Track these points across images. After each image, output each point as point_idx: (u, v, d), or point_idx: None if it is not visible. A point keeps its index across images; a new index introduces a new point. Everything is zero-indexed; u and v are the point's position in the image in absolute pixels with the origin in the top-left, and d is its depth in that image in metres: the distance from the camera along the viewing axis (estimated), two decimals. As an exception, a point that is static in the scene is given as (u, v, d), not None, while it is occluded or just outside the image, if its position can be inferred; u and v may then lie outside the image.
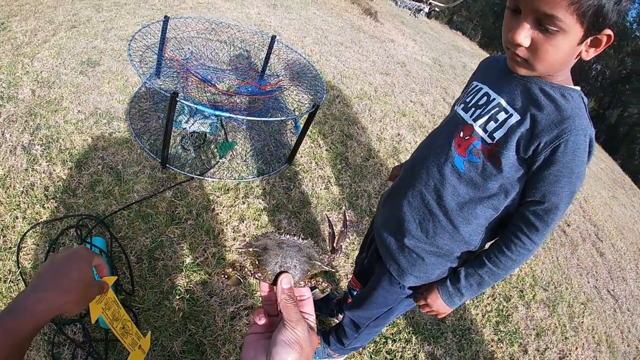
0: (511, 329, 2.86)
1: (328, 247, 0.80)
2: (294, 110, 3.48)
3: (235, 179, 2.86)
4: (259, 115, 3.01)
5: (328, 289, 0.83)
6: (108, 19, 4.07)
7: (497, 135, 1.22)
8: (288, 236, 0.77)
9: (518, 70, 1.18)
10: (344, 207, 3.08)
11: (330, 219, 0.87)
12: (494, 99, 1.27)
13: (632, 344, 3.50)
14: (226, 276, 0.78)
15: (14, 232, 2.11)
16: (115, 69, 3.39)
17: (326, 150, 3.54)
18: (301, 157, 3.31)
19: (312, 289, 0.79)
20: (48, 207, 2.27)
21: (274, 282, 0.74)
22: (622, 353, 3.31)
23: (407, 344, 2.41)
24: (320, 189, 3.11)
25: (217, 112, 2.44)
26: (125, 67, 3.44)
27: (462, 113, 1.35)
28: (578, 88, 1.21)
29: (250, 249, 0.76)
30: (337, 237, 0.83)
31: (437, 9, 8.56)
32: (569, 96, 1.17)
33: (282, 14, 6.14)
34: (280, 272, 0.74)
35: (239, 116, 2.54)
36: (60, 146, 2.60)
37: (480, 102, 1.31)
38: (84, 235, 2.16)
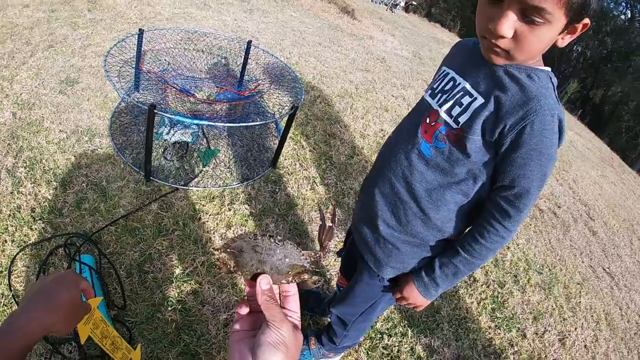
0: (508, 314, 2.89)
1: (317, 242, 0.80)
2: (274, 114, 3.50)
3: (219, 186, 2.87)
4: (239, 121, 3.03)
5: (319, 282, 0.83)
6: (84, 36, 4.07)
7: (462, 119, 1.20)
8: (264, 239, 0.76)
9: (495, 60, 1.14)
10: (330, 205, 3.10)
11: (323, 212, 0.87)
12: (459, 84, 1.25)
13: (631, 320, 3.54)
14: (219, 267, 0.79)
15: (3, 256, 2.12)
16: (94, 85, 3.40)
17: (310, 150, 3.56)
18: (285, 159, 3.33)
19: (299, 285, 0.79)
20: (36, 229, 2.28)
21: (253, 279, 0.74)
22: (622, 329, 3.36)
23: (403, 338, 2.44)
24: (306, 190, 3.13)
25: (196, 121, 2.46)
26: (104, 83, 3.44)
27: (429, 99, 1.33)
28: (548, 69, 1.18)
29: (228, 250, 0.77)
30: (324, 234, 0.83)
31: (414, 2, 8.59)
32: (535, 76, 1.13)
33: (259, 19, 6.15)
34: (259, 273, 0.74)
35: (218, 124, 2.57)
36: (44, 167, 2.61)
37: (447, 88, 1.28)
38: (73, 254, 2.17)
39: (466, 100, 1.20)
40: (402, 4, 7.51)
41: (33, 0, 4.45)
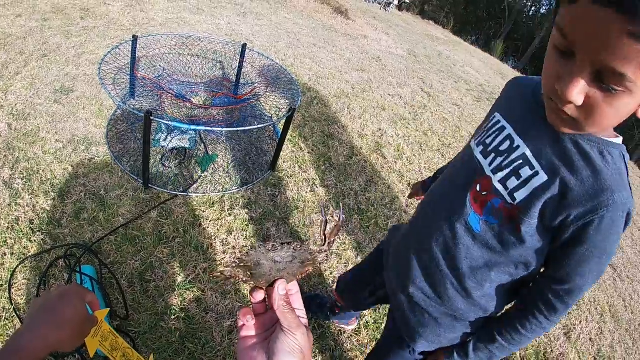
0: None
1: (320, 237, 0.77)
2: (271, 117, 3.48)
3: (219, 191, 2.86)
4: (236, 126, 3.01)
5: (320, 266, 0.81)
6: (78, 44, 4.05)
7: (519, 196, 1.03)
8: (281, 249, 0.73)
9: (561, 128, 0.94)
10: (341, 203, 3.12)
11: (326, 208, 0.83)
12: (517, 147, 1.06)
13: (635, 311, 3.54)
14: (224, 279, 0.75)
15: (3, 269, 2.10)
16: (89, 94, 3.38)
17: (308, 152, 3.55)
18: (284, 162, 3.31)
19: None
20: (35, 240, 2.25)
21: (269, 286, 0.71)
22: (626, 321, 3.35)
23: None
24: (306, 192, 3.12)
25: (193, 127, 2.44)
26: (99, 91, 3.42)
27: (480, 158, 1.15)
28: (619, 141, 0.99)
29: (242, 265, 0.73)
30: (331, 230, 0.77)
31: (407, 0, 8.58)
32: (609, 155, 0.95)
33: (253, 22, 6.14)
34: (275, 281, 0.71)
35: (215, 128, 2.55)
36: (41, 177, 2.59)
37: (502, 148, 1.09)
38: (73, 265, 2.15)
39: (526, 172, 1.02)
40: (396, 2, 7.51)
41: (26, 9, 4.43)
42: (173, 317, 2.11)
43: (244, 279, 0.73)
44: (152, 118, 2.29)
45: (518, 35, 21.92)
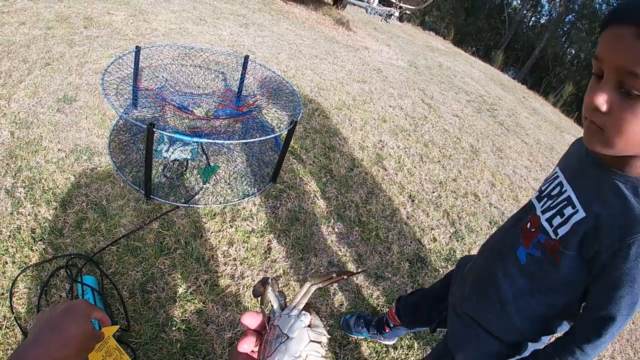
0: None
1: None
2: (273, 128, 3.49)
3: (220, 203, 2.86)
4: (238, 137, 3.03)
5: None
6: (81, 53, 4.07)
7: (561, 231, 1.14)
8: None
9: (592, 144, 1.00)
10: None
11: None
12: (565, 190, 1.19)
13: (636, 321, 3.50)
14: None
15: (4, 278, 2.10)
16: (92, 103, 3.39)
17: (309, 164, 3.56)
18: (285, 174, 3.32)
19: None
20: (36, 250, 2.26)
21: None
22: (628, 331, 3.32)
23: (409, 350, 2.43)
24: (307, 204, 3.13)
25: (195, 139, 2.45)
26: (101, 100, 3.44)
27: (535, 202, 1.30)
28: None
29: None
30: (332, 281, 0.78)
31: (407, 12, 8.62)
32: None
33: (255, 33, 6.17)
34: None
35: (217, 140, 2.55)
36: (43, 187, 2.60)
37: (553, 193, 1.23)
38: (74, 275, 2.16)
39: (568, 211, 1.14)
40: (397, 13, 7.53)
41: (30, 17, 4.45)
42: (174, 328, 2.11)
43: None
44: (154, 129, 2.31)
45: (518, 46, 21.97)
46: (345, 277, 0.74)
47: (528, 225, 1.26)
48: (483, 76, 9.31)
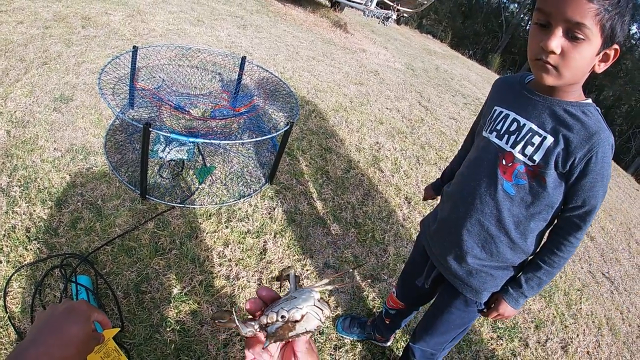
0: (509, 324, 2.89)
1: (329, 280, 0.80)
2: (270, 129, 3.49)
3: (216, 203, 2.86)
4: (235, 138, 3.02)
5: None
6: (79, 53, 4.06)
7: (537, 157, 1.35)
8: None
9: (547, 80, 1.27)
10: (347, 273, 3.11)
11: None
12: (524, 125, 1.39)
13: (633, 324, 3.55)
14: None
15: (-2, 277, 2.09)
16: (88, 103, 3.38)
17: (306, 165, 3.56)
18: (281, 175, 3.32)
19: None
20: (31, 249, 2.25)
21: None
22: (624, 334, 3.36)
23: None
24: (303, 205, 3.12)
25: (192, 139, 2.44)
26: (98, 100, 3.43)
27: (497, 141, 1.46)
28: (590, 101, 1.35)
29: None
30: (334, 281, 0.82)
31: (405, 14, 8.63)
32: (588, 112, 1.31)
33: (252, 34, 6.17)
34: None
35: (214, 141, 2.55)
36: (38, 186, 2.59)
37: (512, 129, 1.42)
38: (69, 275, 2.15)
39: (537, 140, 1.35)
40: (394, 16, 7.53)
41: (27, 16, 4.44)
42: (168, 329, 2.11)
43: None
44: (150, 129, 2.30)
45: (515, 49, 22.04)
46: (352, 269, 0.78)
47: (504, 162, 1.43)
48: (480, 79, 9.33)
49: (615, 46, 1.23)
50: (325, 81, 5.36)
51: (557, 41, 1.18)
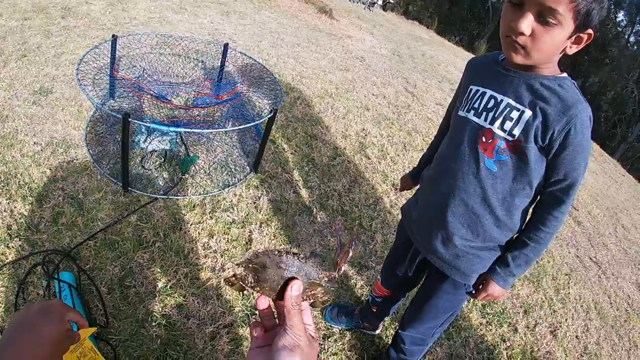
0: (498, 310, 2.90)
1: (334, 263, 0.84)
2: (254, 117, 3.45)
3: (200, 194, 2.82)
4: (218, 127, 2.98)
5: (328, 299, 0.83)
6: (58, 44, 3.98)
7: (516, 131, 1.36)
8: (288, 256, 0.76)
9: (515, 58, 1.30)
10: (355, 228, 3.09)
11: (339, 233, 0.86)
12: (501, 100, 1.40)
13: (620, 307, 3.58)
14: (230, 283, 0.78)
15: (-21, 276, 2.05)
16: (68, 95, 3.32)
17: (291, 153, 3.53)
18: (266, 163, 3.28)
19: (311, 304, 0.81)
20: (12, 247, 2.20)
21: (282, 291, 0.73)
22: (612, 317, 3.39)
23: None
24: (289, 193, 3.10)
25: (173, 129, 2.41)
26: (78, 92, 3.36)
27: (475, 119, 1.47)
28: (565, 74, 1.37)
29: (250, 265, 0.75)
30: (342, 256, 0.83)
31: (391, 0, 8.59)
32: (565, 85, 1.32)
33: (236, 21, 6.10)
34: (291, 278, 0.74)
35: (196, 130, 2.51)
36: (19, 181, 2.54)
37: (489, 105, 1.43)
38: (51, 272, 2.11)
39: (515, 114, 1.36)
40: (380, 2, 7.51)
41: (6, 8, 4.35)
42: (154, 323, 2.08)
43: (250, 284, 0.75)
44: (130, 120, 2.26)
45: (501, 35, 22.07)
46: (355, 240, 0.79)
47: (484, 139, 1.44)
48: (467, 64, 9.31)
49: (589, 30, 1.25)
50: (310, 67, 5.31)
51: (527, 22, 1.20)
